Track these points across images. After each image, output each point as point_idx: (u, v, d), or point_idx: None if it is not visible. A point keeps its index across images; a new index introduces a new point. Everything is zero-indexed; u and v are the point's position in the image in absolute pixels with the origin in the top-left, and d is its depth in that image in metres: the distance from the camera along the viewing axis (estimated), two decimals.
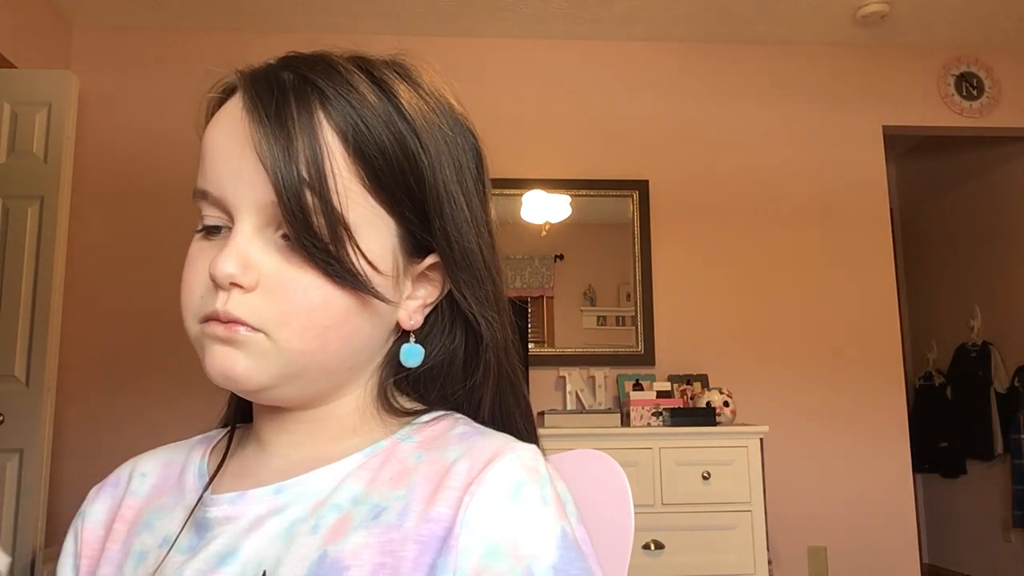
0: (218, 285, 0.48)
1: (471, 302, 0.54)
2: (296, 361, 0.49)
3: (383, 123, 0.50)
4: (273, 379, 0.50)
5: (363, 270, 0.49)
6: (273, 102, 0.48)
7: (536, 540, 0.45)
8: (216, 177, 0.50)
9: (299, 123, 0.48)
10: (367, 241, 0.50)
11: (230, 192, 0.49)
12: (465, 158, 0.55)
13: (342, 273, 0.48)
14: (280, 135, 0.47)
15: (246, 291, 0.48)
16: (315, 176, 0.47)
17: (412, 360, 0.55)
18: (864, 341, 3.33)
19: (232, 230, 0.49)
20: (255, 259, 0.49)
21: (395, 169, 0.51)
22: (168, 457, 0.60)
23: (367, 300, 0.50)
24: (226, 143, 0.50)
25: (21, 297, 2.62)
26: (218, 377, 0.50)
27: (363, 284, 0.49)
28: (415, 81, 0.54)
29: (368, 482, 0.50)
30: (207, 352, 0.50)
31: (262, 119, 0.48)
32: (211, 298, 0.49)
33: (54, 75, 2.81)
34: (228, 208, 0.50)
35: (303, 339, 0.49)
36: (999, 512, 4.02)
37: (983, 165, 4.22)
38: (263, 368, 0.49)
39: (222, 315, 0.48)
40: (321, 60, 0.52)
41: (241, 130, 0.49)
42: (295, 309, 0.48)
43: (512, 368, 0.57)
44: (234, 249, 0.48)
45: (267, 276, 0.49)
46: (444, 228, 0.53)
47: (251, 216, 0.49)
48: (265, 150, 0.47)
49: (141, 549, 0.54)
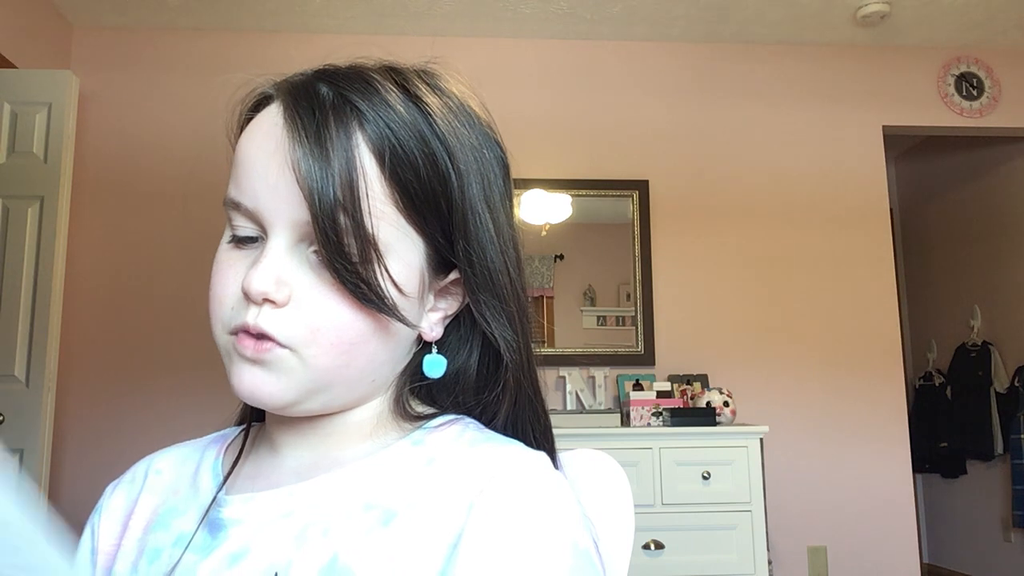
0: (251, 300, 0.49)
1: (490, 322, 0.54)
2: (322, 377, 0.50)
3: (417, 142, 0.50)
4: (299, 396, 0.50)
5: (389, 293, 0.49)
6: (314, 121, 0.48)
7: (546, 549, 0.45)
8: (251, 190, 0.50)
9: (337, 143, 0.48)
10: (396, 261, 0.50)
11: (266, 207, 0.49)
12: (492, 172, 0.55)
13: (369, 296, 0.49)
14: (319, 155, 0.47)
15: (277, 306, 0.49)
16: (349, 197, 0.48)
17: (435, 372, 0.55)
18: (864, 341, 3.33)
19: (266, 244, 0.50)
20: (288, 276, 0.49)
21: (427, 189, 0.51)
22: (183, 455, 0.61)
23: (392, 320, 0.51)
24: (263, 157, 0.50)
25: (21, 297, 2.62)
26: (245, 395, 0.50)
27: (389, 309, 0.49)
28: (445, 92, 0.54)
29: (379, 486, 0.50)
30: (234, 369, 0.50)
31: (302, 138, 0.48)
32: (242, 310, 0.49)
33: (54, 75, 2.81)
34: (262, 222, 0.50)
35: (330, 355, 0.49)
36: (999, 512, 4.02)
37: (983, 165, 4.22)
38: (290, 386, 0.50)
39: (252, 328, 0.48)
40: (358, 75, 0.52)
41: (279, 145, 0.49)
42: (324, 326, 0.49)
43: (532, 385, 0.57)
44: (268, 265, 0.48)
45: (299, 293, 0.49)
46: (467, 248, 0.53)
47: (286, 232, 0.49)
48: (304, 169, 0.47)
49: (155, 547, 0.54)
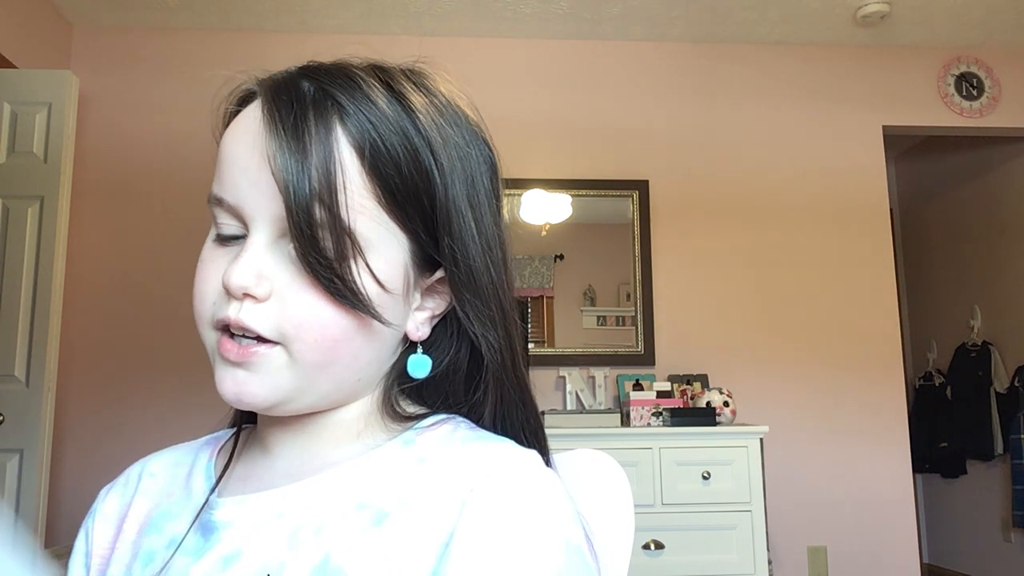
0: (231, 295, 0.49)
1: (473, 322, 0.54)
2: (308, 374, 0.50)
3: (399, 138, 0.50)
4: (285, 395, 0.50)
5: (365, 289, 0.49)
6: (291, 115, 0.48)
7: (538, 545, 0.45)
8: (233, 186, 0.50)
9: (316, 137, 0.48)
10: (378, 258, 0.50)
11: (246, 203, 0.49)
12: (479, 172, 0.55)
13: (343, 291, 0.48)
14: (296, 148, 0.47)
15: (258, 301, 0.48)
16: (326, 190, 0.47)
17: (419, 371, 0.55)
18: (864, 341, 3.33)
19: (247, 240, 0.50)
20: (268, 270, 0.49)
21: (409, 185, 0.50)
22: (177, 458, 0.61)
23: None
24: (243, 153, 0.50)
25: (21, 297, 2.62)
26: (230, 398, 0.50)
27: (364, 305, 0.49)
28: (432, 91, 0.54)
29: (371, 487, 0.50)
30: (219, 372, 0.50)
31: (279, 132, 0.48)
32: (223, 305, 0.49)
33: (54, 75, 2.81)
34: (243, 217, 0.50)
35: (315, 351, 0.49)
36: (999, 512, 4.02)
37: (983, 165, 4.22)
38: (275, 385, 0.49)
39: (234, 323, 0.48)
40: (341, 71, 0.52)
41: (259, 140, 0.49)
42: (306, 322, 0.48)
43: (518, 385, 0.57)
44: (248, 260, 0.48)
45: (280, 288, 0.49)
46: (451, 247, 0.52)
47: (266, 227, 0.49)
48: (279, 162, 0.47)
49: (149, 550, 0.54)
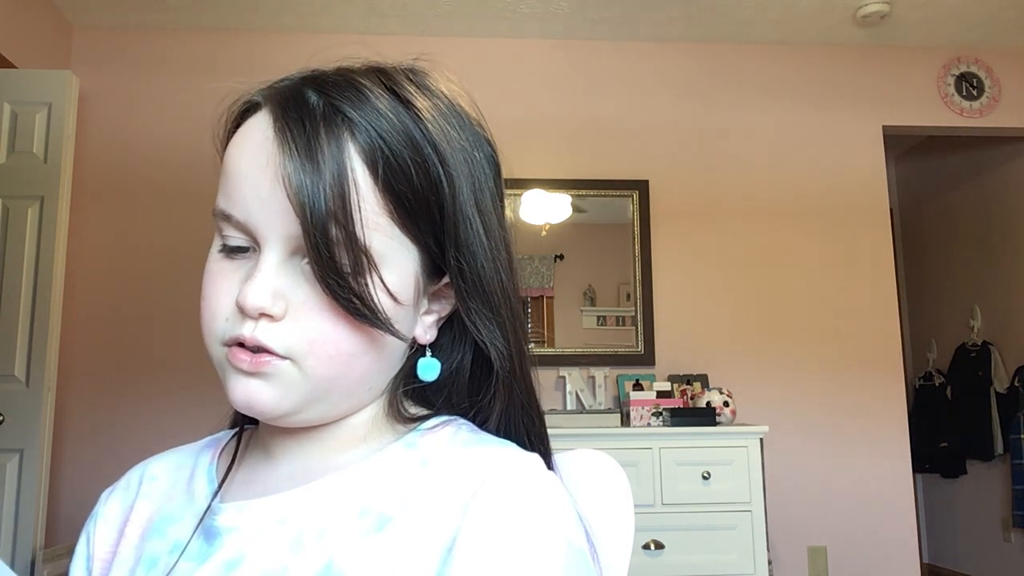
0: (247, 315, 0.48)
1: (481, 330, 0.54)
2: (320, 387, 0.50)
3: (409, 151, 0.50)
4: (297, 406, 0.50)
5: (382, 307, 0.49)
6: (304, 133, 0.47)
7: (540, 548, 0.45)
8: (243, 203, 0.49)
9: (328, 154, 0.47)
10: (390, 272, 0.50)
11: (259, 222, 0.49)
12: (483, 174, 0.54)
13: (362, 310, 0.48)
14: (310, 168, 0.47)
15: (274, 320, 0.48)
16: (341, 209, 0.47)
17: (429, 375, 0.55)
18: (864, 341, 3.33)
19: (259, 257, 0.49)
20: (284, 289, 0.48)
21: (420, 198, 0.50)
22: (178, 460, 0.60)
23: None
24: (254, 171, 0.49)
25: (21, 297, 2.62)
26: (241, 406, 0.50)
27: (382, 323, 0.49)
28: (434, 93, 0.54)
29: (374, 490, 0.50)
30: (230, 380, 0.50)
31: (292, 151, 0.47)
32: (237, 323, 0.49)
33: (54, 75, 2.81)
34: (254, 234, 0.49)
35: (328, 366, 0.49)
36: (999, 512, 4.02)
37: (983, 165, 4.22)
38: (288, 396, 0.49)
39: (249, 341, 0.48)
40: (347, 82, 0.51)
41: (270, 157, 0.48)
42: (321, 338, 0.48)
43: (526, 391, 0.56)
44: (263, 280, 0.48)
45: (295, 306, 0.48)
46: (458, 256, 0.52)
47: (278, 245, 0.48)
48: (295, 183, 0.46)
49: (152, 554, 0.54)
